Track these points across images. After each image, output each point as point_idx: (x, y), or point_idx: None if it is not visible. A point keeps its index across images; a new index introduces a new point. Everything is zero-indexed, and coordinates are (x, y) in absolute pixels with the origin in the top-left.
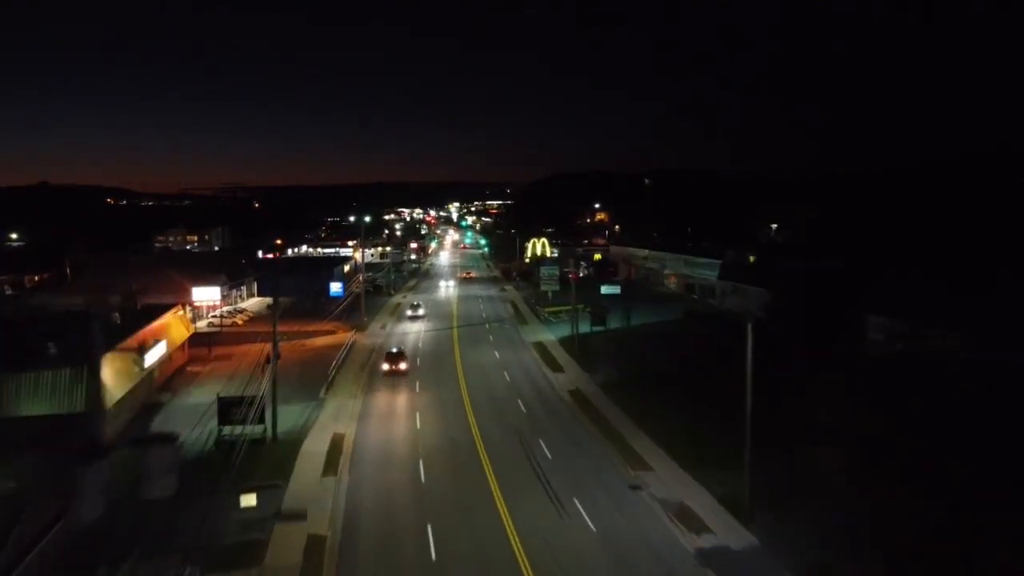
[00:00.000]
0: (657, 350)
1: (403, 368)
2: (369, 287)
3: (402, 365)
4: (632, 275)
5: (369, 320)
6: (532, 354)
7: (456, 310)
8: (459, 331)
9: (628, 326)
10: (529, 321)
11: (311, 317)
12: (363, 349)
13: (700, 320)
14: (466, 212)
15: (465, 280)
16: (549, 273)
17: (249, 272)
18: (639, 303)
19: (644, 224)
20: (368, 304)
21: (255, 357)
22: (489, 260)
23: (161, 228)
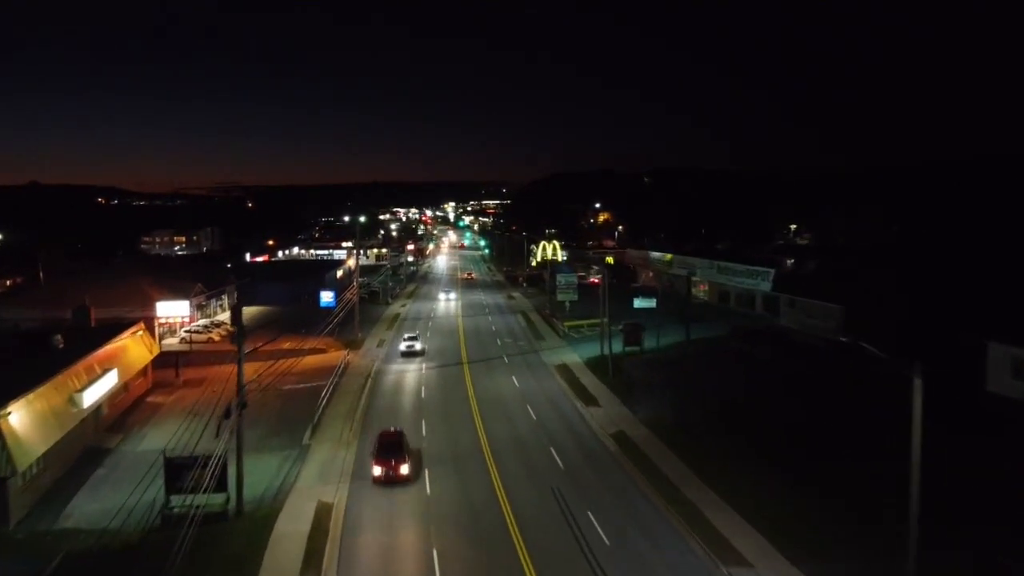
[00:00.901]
0: (708, 378)
1: (404, 473)
2: (364, 294)
3: (403, 469)
4: (650, 281)
5: (364, 335)
6: (558, 381)
7: (462, 323)
8: (468, 350)
9: (665, 345)
10: (547, 337)
11: (299, 330)
12: (357, 373)
13: (753, 340)
14: (462, 212)
15: (467, 283)
16: (566, 281)
17: (231, 279)
18: (670, 317)
19: (650, 225)
20: (363, 315)
21: (231, 383)
22: (490, 263)
23: (150, 229)
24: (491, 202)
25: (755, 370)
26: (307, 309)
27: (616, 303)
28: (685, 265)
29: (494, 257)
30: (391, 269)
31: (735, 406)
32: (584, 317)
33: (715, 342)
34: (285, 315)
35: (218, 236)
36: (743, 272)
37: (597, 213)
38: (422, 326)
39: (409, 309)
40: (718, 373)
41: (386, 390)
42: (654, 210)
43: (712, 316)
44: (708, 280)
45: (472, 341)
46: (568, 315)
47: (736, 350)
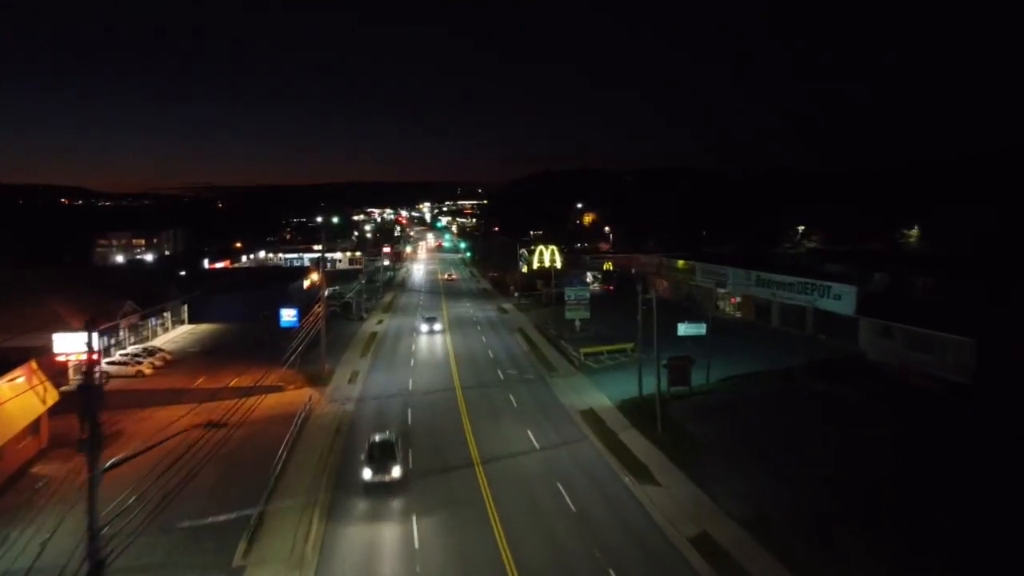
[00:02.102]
0: (793, 437)
1: None
2: (336, 307)
3: None
4: (665, 292)
5: (333, 366)
6: (590, 438)
7: (452, 347)
8: (464, 387)
9: (717, 382)
10: (558, 367)
11: (255, 358)
12: (321, 427)
13: (832, 376)
14: (439, 212)
15: (449, 286)
16: (578, 295)
17: (174, 293)
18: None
19: (643, 226)
20: (334, 333)
21: (159, 433)
22: (473, 267)
23: (112, 230)
24: (467, 202)
25: (855, 422)
26: (266, 328)
27: (626, 320)
28: (712, 274)
29: (476, 261)
30: (366, 276)
31: (851, 483)
32: (601, 340)
33: (780, 378)
34: (238, 337)
35: (182, 238)
36: (795, 286)
37: (582, 213)
38: (405, 349)
39: (387, 327)
40: (802, 426)
41: (360, 455)
42: (647, 211)
43: (754, 339)
44: (743, 293)
45: (467, 373)
46: (579, 336)
47: (819, 392)
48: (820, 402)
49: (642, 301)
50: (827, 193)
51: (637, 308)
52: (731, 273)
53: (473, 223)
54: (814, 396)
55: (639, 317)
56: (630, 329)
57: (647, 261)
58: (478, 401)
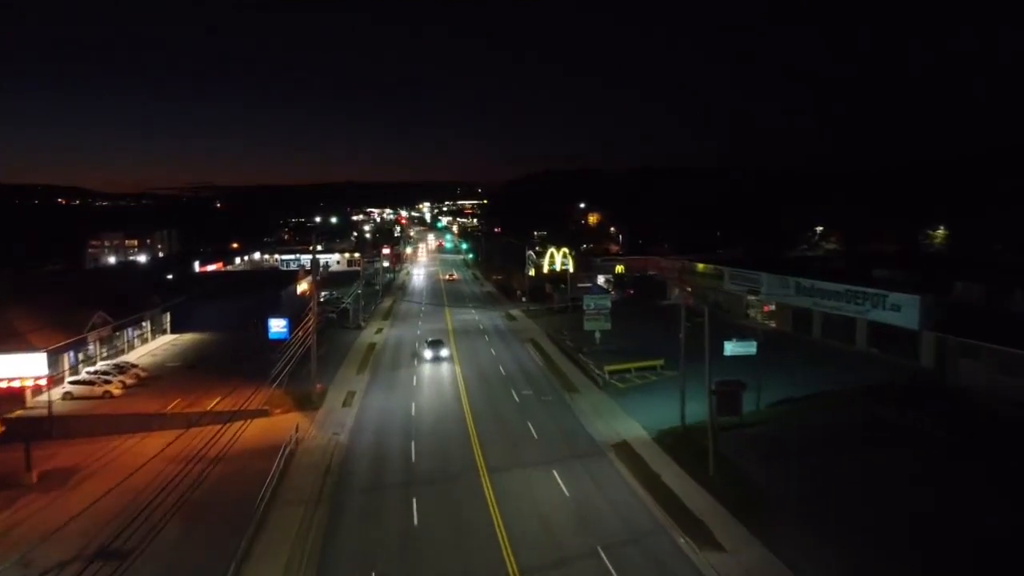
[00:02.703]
0: (875, 483)
1: None
2: (332, 313)
3: None
4: (687, 298)
5: (327, 384)
6: (628, 482)
7: (459, 360)
8: (474, 414)
9: (769, 408)
10: (580, 386)
11: (240, 374)
12: (310, 465)
13: (910, 404)
14: (439, 212)
15: (450, 287)
16: (598, 305)
17: (155, 301)
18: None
19: (651, 226)
20: (329, 344)
21: (126, 466)
22: (476, 269)
23: (107, 230)
24: (467, 202)
25: (945, 463)
26: (255, 339)
27: (666, 336)
28: (744, 280)
29: (479, 262)
30: (365, 280)
31: (977, 552)
32: (624, 354)
33: (842, 405)
34: (224, 349)
35: (176, 239)
36: (843, 295)
37: (585, 213)
38: (406, 364)
39: (387, 337)
40: (890, 471)
41: (354, 507)
42: (654, 211)
43: (796, 353)
44: (778, 301)
45: (478, 393)
46: (599, 349)
47: (891, 423)
48: (897, 435)
49: (683, 314)
50: (842, 192)
51: (659, 315)
52: (765, 279)
53: (474, 223)
54: (887, 428)
55: (682, 334)
56: (654, 341)
57: (668, 265)
58: (492, 430)
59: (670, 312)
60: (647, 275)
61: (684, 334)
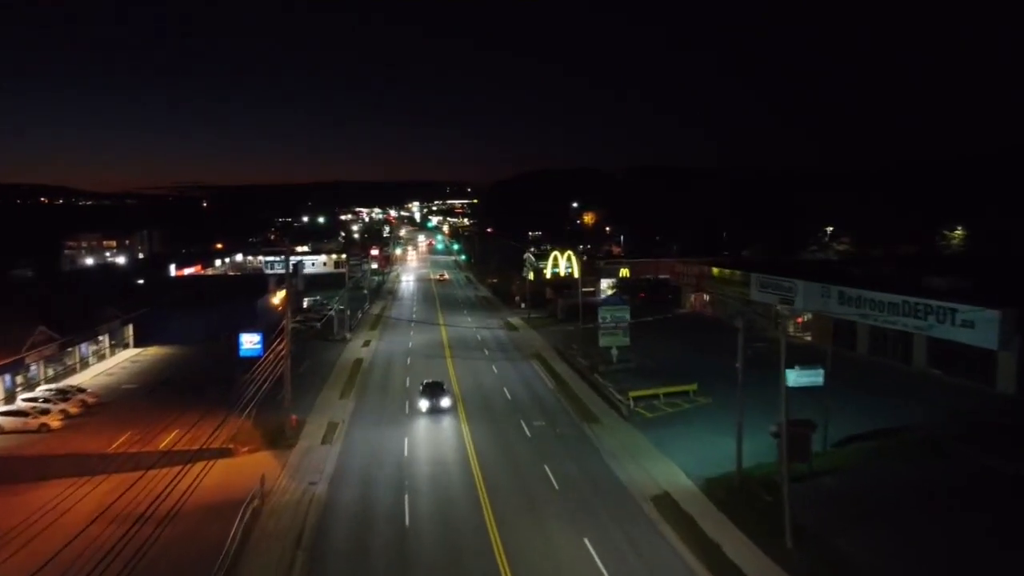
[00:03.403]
0: (1007, 563)
1: None
2: (316, 322)
3: None
4: (703, 306)
5: (305, 413)
6: (680, 554)
7: (457, 382)
8: (477, 446)
9: (832, 449)
10: (600, 415)
11: (206, 399)
12: (278, 533)
13: (1014, 448)
14: (428, 212)
15: (442, 291)
16: (615, 318)
17: (113, 313)
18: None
19: (645, 226)
20: (309, 362)
21: (46, 535)
22: (468, 272)
23: (84, 231)
24: (457, 202)
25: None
26: (226, 355)
27: (688, 350)
28: (775, 288)
29: (472, 264)
30: (353, 284)
31: None
32: (646, 375)
33: (927, 448)
34: (191, 366)
35: (157, 240)
36: (899, 306)
37: (580, 213)
38: (398, 385)
39: (376, 350)
40: None
41: None
42: (654, 211)
43: (845, 374)
44: (816, 312)
45: (481, 425)
46: (618, 369)
47: (999, 472)
48: (1013, 490)
49: (743, 339)
50: (851, 192)
51: (678, 327)
52: (801, 287)
53: (465, 223)
54: (999, 480)
55: (739, 364)
56: (676, 357)
57: (684, 270)
58: (502, 478)
59: (692, 323)
60: (658, 280)
61: (743, 362)
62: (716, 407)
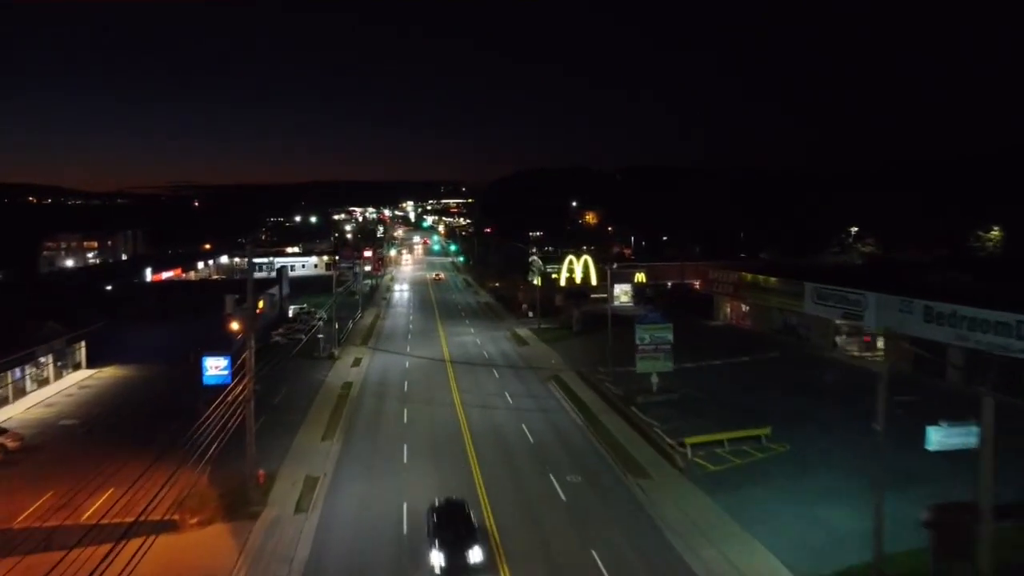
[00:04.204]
0: None
1: None
2: (302, 333)
3: None
4: (742, 319)
5: (278, 462)
6: None
7: (463, 411)
8: (498, 518)
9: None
10: (649, 468)
11: (157, 441)
12: None
13: None
14: (423, 211)
15: (440, 295)
16: (655, 339)
17: (57, 331)
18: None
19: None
20: (293, 383)
21: None
22: (467, 274)
23: (64, 231)
24: (451, 201)
25: None
26: (194, 375)
27: (739, 373)
28: (836, 299)
29: (471, 266)
30: (344, 290)
31: None
32: (694, 411)
33: None
34: (147, 394)
35: (142, 240)
36: (1011, 327)
37: (579, 212)
38: (393, 421)
39: (368, 372)
40: None
41: None
42: (662, 210)
43: (931, 405)
44: (890, 330)
45: (500, 480)
46: (659, 401)
47: None
48: None
49: (884, 389)
50: (869, 193)
51: (718, 342)
52: (873, 300)
53: (461, 222)
54: None
55: (879, 426)
56: (726, 383)
57: (720, 276)
58: (535, 567)
59: (730, 338)
60: (682, 286)
61: (882, 423)
62: (796, 458)
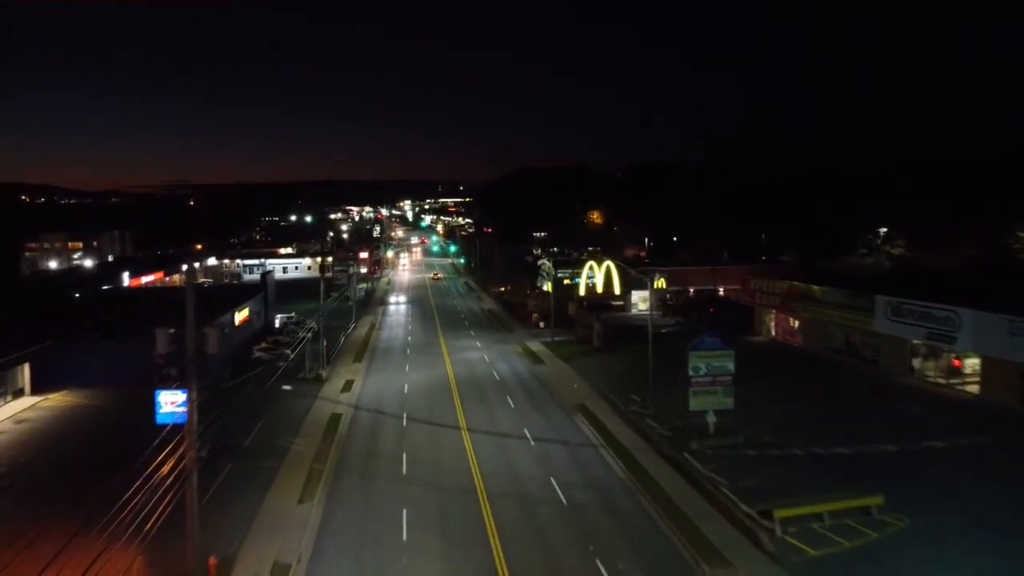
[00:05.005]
0: None
1: None
2: (288, 348)
3: None
4: (791, 332)
5: (241, 540)
6: None
7: (474, 457)
8: None
9: None
10: (723, 548)
11: (95, 497)
12: None
13: None
14: (421, 211)
15: (440, 301)
16: (713, 369)
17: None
18: None
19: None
20: (269, 416)
21: None
22: (469, 277)
23: (48, 231)
24: (449, 200)
25: None
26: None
27: (814, 407)
28: (920, 317)
29: (473, 269)
30: (339, 295)
31: None
32: (781, 467)
33: None
34: (96, 430)
35: (130, 240)
36: None
37: (585, 212)
38: (388, 472)
39: (360, 399)
40: None
41: None
42: (671, 210)
43: None
44: (991, 355)
45: (528, 572)
46: (718, 444)
47: None
48: None
49: None
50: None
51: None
52: (969, 318)
53: (460, 222)
54: None
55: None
56: (801, 423)
57: (765, 286)
58: None
59: (781, 358)
60: (706, 293)
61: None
62: (923, 538)
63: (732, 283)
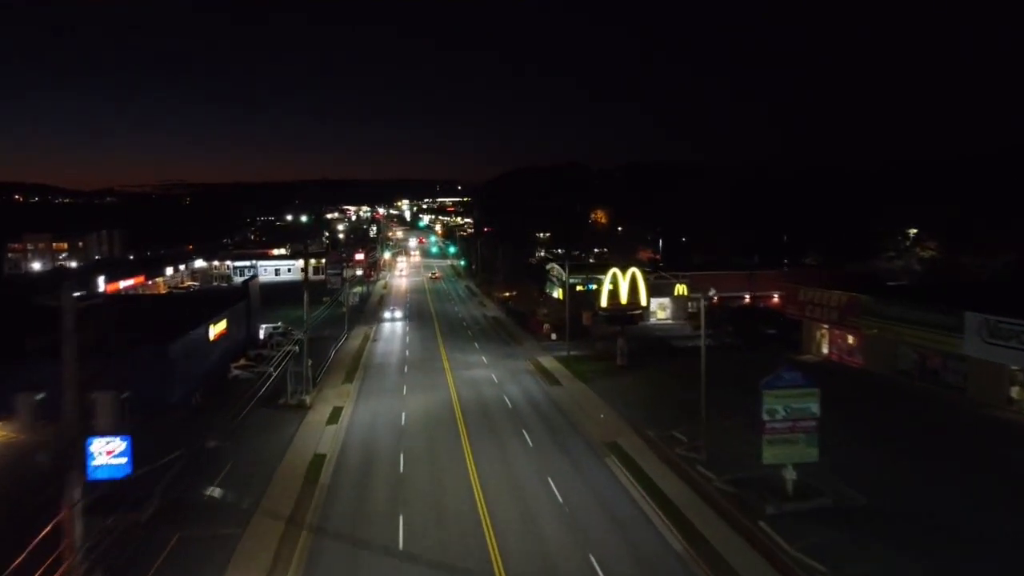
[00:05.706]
0: None
1: None
2: (270, 365)
3: None
4: (842, 351)
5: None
6: None
7: (491, 519)
8: None
9: None
10: None
11: None
12: None
13: None
14: (419, 210)
15: (440, 304)
16: (793, 411)
17: None
18: None
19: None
20: (241, 450)
21: None
22: (470, 281)
23: (32, 231)
24: (448, 199)
25: None
26: None
27: (900, 449)
28: None
29: (474, 271)
30: (333, 299)
31: None
32: (887, 542)
33: None
34: (19, 478)
35: (119, 240)
36: None
37: (588, 211)
38: (383, 541)
39: (348, 432)
40: None
41: None
42: (676, 210)
43: None
44: None
45: None
46: (803, 511)
47: None
48: None
49: None
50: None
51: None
52: None
53: (459, 221)
54: None
55: None
56: (893, 474)
57: (816, 298)
58: None
59: (841, 382)
60: (754, 305)
61: None
62: None
63: (761, 290)
